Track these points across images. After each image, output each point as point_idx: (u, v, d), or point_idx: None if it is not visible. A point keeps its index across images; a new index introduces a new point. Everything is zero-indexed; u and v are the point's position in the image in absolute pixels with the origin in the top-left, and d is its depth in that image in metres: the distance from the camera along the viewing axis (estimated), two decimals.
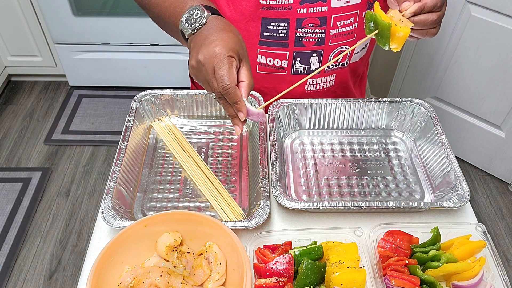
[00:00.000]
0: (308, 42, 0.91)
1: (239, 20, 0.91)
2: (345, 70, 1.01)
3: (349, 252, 0.70)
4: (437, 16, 0.76)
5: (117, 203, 0.79)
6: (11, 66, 2.49)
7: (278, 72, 0.97)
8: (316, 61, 0.95)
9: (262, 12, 0.88)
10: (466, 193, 0.79)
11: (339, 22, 0.90)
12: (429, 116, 0.95)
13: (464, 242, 0.72)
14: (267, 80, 0.99)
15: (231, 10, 0.91)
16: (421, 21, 0.75)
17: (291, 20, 0.88)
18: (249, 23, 0.90)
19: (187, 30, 0.73)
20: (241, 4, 0.88)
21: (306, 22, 0.88)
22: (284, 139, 0.98)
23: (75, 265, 1.76)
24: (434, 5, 0.75)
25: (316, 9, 0.87)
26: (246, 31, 0.92)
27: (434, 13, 0.76)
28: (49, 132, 2.29)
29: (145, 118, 0.99)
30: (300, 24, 0.88)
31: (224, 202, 0.84)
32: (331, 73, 0.99)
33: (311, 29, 0.89)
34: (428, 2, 0.75)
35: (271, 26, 0.90)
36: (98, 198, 2.00)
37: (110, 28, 2.22)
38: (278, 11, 0.87)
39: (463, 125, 2.04)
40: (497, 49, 1.73)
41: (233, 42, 0.69)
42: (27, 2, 2.19)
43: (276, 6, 0.86)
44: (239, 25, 0.91)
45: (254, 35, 0.92)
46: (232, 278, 0.68)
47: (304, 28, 0.89)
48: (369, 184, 0.89)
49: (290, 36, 0.90)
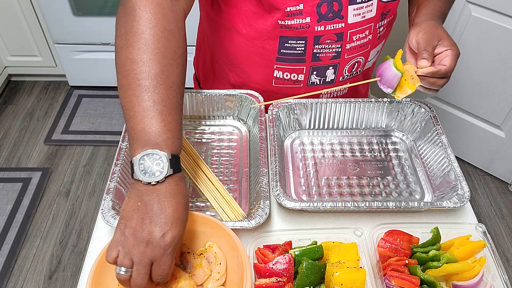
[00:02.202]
0: (325, 57, 0.91)
1: (256, 38, 0.89)
2: (358, 77, 1.01)
3: (349, 252, 0.70)
4: (444, 82, 0.82)
5: (117, 203, 0.79)
6: (11, 66, 2.49)
7: (294, 85, 0.97)
8: (332, 73, 0.95)
9: (280, 31, 0.87)
10: (466, 193, 0.79)
11: (355, 36, 0.89)
12: (429, 116, 0.95)
13: (464, 242, 0.72)
14: (283, 92, 0.99)
15: (247, 28, 0.89)
16: (429, 83, 0.82)
17: (308, 38, 0.87)
18: (266, 41, 0.89)
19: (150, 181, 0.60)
20: (258, 24, 0.87)
21: (323, 39, 0.88)
22: (284, 139, 0.98)
23: (75, 265, 1.76)
24: (445, 73, 0.80)
25: (333, 26, 0.86)
26: (263, 48, 0.90)
27: (443, 79, 0.82)
28: (49, 132, 2.30)
29: None
30: (317, 41, 0.88)
31: (224, 202, 0.84)
32: (345, 82, 0.99)
33: (328, 45, 0.89)
34: (442, 70, 0.79)
35: (289, 44, 0.89)
36: (98, 198, 2.00)
37: (110, 28, 2.22)
38: (296, 30, 0.86)
39: (463, 125, 2.04)
40: (497, 49, 1.73)
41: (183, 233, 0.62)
42: (27, 2, 2.19)
43: (294, 26, 0.85)
44: (255, 43, 0.90)
45: (271, 52, 0.91)
46: (232, 278, 0.68)
47: (321, 45, 0.89)
48: (369, 184, 0.89)
49: (307, 53, 0.90)
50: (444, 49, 0.81)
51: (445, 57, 0.80)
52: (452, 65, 0.80)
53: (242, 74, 0.99)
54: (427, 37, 0.82)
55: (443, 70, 0.80)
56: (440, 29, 0.84)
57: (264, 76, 0.97)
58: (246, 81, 1.00)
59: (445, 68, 0.79)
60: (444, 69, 0.79)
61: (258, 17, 0.87)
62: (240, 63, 0.97)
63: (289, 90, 0.98)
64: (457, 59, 0.81)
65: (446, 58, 0.80)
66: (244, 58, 0.95)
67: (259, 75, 0.97)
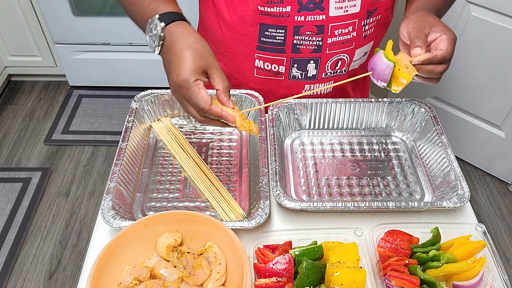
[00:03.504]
0: (305, 49, 0.91)
1: (239, 25, 0.91)
2: (343, 77, 1.00)
3: (349, 252, 0.70)
4: (443, 68, 0.76)
5: (117, 203, 0.79)
6: (11, 66, 2.49)
7: (276, 77, 0.97)
8: (314, 68, 0.95)
9: (260, 18, 0.88)
10: (466, 193, 0.79)
11: (337, 31, 0.89)
12: (429, 116, 0.95)
13: (464, 242, 0.72)
14: (265, 84, 1.00)
15: (231, 14, 0.91)
16: (427, 71, 0.76)
17: (288, 28, 0.88)
18: (248, 28, 0.90)
19: (155, 50, 0.75)
20: (240, 10, 0.88)
21: (303, 30, 0.88)
22: (284, 139, 0.98)
23: (75, 265, 1.76)
24: (443, 58, 0.75)
25: (313, 17, 0.87)
26: (245, 35, 0.92)
27: (441, 65, 0.76)
28: (49, 132, 2.29)
29: (145, 118, 0.99)
30: (297, 32, 0.88)
31: (224, 202, 0.84)
32: (328, 80, 0.99)
33: (308, 37, 0.89)
34: (438, 55, 0.75)
35: (269, 32, 0.90)
36: (98, 198, 2.00)
37: (110, 28, 2.22)
38: (276, 18, 0.87)
39: (463, 125, 2.04)
40: (497, 49, 1.73)
41: (193, 60, 0.70)
42: (27, 2, 2.19)
43: (274, 14, 0.86)
44: (238, 30, 0.92)
45: (252, 40, 0.92)
46: (232, 278, 0.68)
47: (301, 36, 0.89)
48: (369, 184, 0.89)
49: (287, 43, 0.90)
50: (438, 35, 0.76)
51: (441, 42, 0.76)
52: (449, 49, 0.75)
53: (229, 63, 1.01)
54: (417, 26, 0.78)
55: (439, 55, 0.75)
56: (431, 17, 0.80)
57: (246, 65, 0.98)
58: (231, 71, 1.02)
59: (441, 52, 0.75)
60: (440, 53, 0.75)
61: (240, 2, 0.87)
62: (226, 51, 0.99)
63: (271, 82, 0.99)
64: (454, 43, 0.76)
65: (442, 42, 0.75)
66: (229, 46, 0.97)
67: (242, 64, 0.98)
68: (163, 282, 0.69)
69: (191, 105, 0.71)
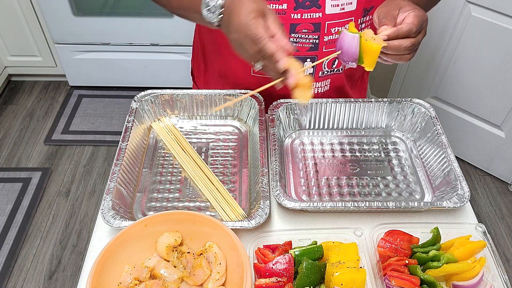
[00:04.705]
0: (302, 47, 0.91)
1: None
2: (340, 75, 1.00)
3: (349, 252, 0.70)
4: (411, 42, 0.73)
5: (117, 203, 0.79)
6: (11, 66, 2.49)
7: None
8: (310, 66, 0.95)
9: None
10: (466, 193, 0.79)
11: (333, 29, 0.89)
12: (429, 116, 0.95)
13: (464, 243, 0.72)
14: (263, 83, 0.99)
15: None
16: (395, 47, 0.73)
17: (284, 25, 0.88)
18: None
19: (214, 21, 0.74)
20: None
21: (300, 28, 0.88)
22: (284, 139, 0.98)
23: (75, 265, 1.76)
24: (409, 31, 0.72)
25: (310, 15, 0.86)
26: None
27: (408, 39, 0.73)
28: (49, 132, 2.29)
29: (145, 118, 0.99)
30: (294, 30, 0.88)
31: (224, 202, 0.84)
32: (325, 78, 0.99)
33: (305, 35, 0.89)
34: (403, 27, 0.72)
35: None
36: (98, 198, 2.00)
37: (110, 28, 2.22)
38: None
39: (463, 125, 2.04)
40: (497, 49, 1.73)
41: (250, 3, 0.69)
42: (27, 2, 2.19)
43: None
44: None
45: None
46: (232, 278, 0.68)
47: (298, 34, 0.89)
48: (369, 184, 0.89)
49: None
50: (406, 14, 0.74)
51: (407, 18, 0.73)
52: (415, 22, 0.72)
53: (225, 63, 1.01)
54: (386, 8, 0.76)
55: (405, 27, 0.72)
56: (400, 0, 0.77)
57: (243, 64, 0.97)
58: (228, 70, 1.01)
59: (406, 25, 0.72)
60: (406, 26, 0.72)
61: None
62: (223, 51, 0.99)
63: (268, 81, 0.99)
64: (421, 19, 0.73)
65: (408, 17, 0.73)
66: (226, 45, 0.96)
67: (239, 63, 0.98)
68: (163, 282, 0.69)
69: (248, 40, 0.68)
